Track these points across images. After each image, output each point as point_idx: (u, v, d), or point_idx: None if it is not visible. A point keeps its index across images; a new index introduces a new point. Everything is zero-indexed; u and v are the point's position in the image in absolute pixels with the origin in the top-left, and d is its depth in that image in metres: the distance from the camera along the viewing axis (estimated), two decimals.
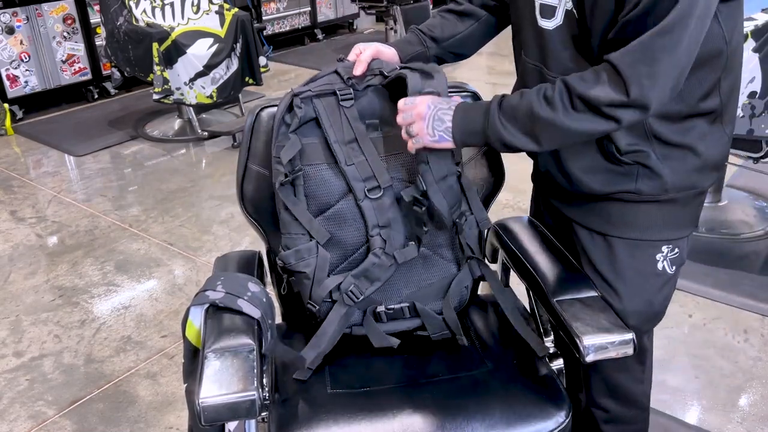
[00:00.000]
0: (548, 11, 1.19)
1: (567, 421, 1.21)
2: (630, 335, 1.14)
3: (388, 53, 1.39)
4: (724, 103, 1.18)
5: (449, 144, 1.21)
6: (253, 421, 1.19)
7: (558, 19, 1.17)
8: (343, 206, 1.36)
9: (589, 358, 1.13)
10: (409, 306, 1.40)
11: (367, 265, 1.35)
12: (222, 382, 1.05)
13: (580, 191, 1.27)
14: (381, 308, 1.39)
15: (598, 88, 1.05)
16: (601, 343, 1.14)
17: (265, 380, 1.21)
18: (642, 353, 1.36)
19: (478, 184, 1.48)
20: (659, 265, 1.27)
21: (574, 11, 1.14)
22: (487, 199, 1.51)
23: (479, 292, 1.58)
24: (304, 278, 1.36)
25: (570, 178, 1.26)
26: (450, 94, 1.29)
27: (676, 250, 1.27)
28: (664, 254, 1.26)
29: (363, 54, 1.35)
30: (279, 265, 1.39)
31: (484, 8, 1.41)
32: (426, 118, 1.20)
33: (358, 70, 1.35)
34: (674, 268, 1.29)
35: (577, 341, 1.14)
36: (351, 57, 1.38)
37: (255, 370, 1.07)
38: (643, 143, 1.17)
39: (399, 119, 1.24)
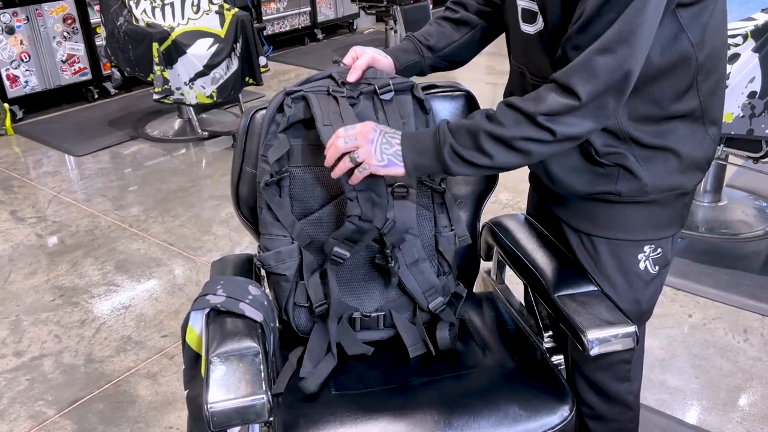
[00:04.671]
0: (529, 16, 1.19)
1: (571, 415, 1.21)
2: (632, 328, 1.16)
3: (384, 62, 1.38)
4: (704, 105, 1.17)
5: (399, 169, 1.17)
6: (257, 426, 1.19)
7: (539, 25, 1.17)
8: (328, 212, 1.35)
9: (594, 352, 1.14)
10: (385, 315, 1.40)
11: (346, 233, 1.29)
12: (230, 387, 1.04)
13: (564, 191, 1.28)
14: (357, 314, 1.39)
15: (541, 101, 1.06)
16: (604, 336, 1.15)
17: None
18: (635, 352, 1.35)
19: (472, 183, 1.49)
20: (641, 265, 1.27)
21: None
22: (482, 197, 1.52)
23: (474, 290, 1.58)
24: (283, 281, 1.35)
25: (552, 179, 1.26)
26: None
27: (659, 250, 1.27)
28: (646, 254, 1.27)
29: (358, 61, 1.34)
30: (257, 265, 1.38)
31: (479, 15, 1.41)
32: (373, 141, 1.16)
33: (352, 77, 1.33)
34: (657, 268, 1.29)
35: (581, 335, 1.15)
36: (347, 60, 1.37)
37: (262, 374, 1.07)
38: (621, 145, 1.18)
39: (339, 144, 1.17)
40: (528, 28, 1.20)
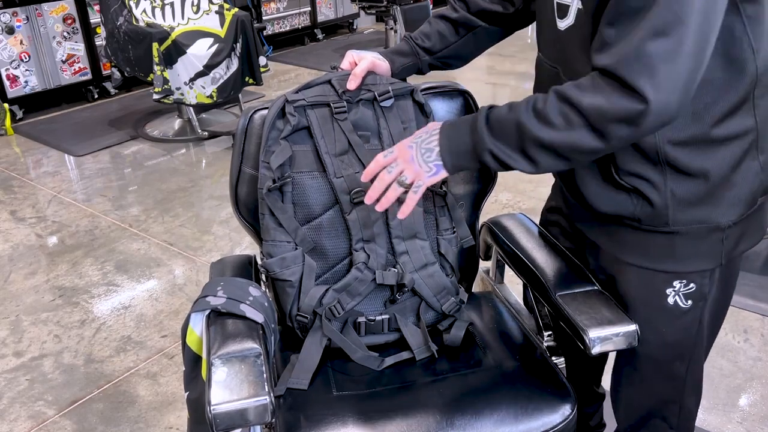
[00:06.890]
0: (563, 10, 1.10)
1: (573, 413, 1.22)
2: (633, 327, 1.16)
3: (384, 66, 1.37)
4: (761, 127, 1.04)
5: (444, 173, 1.10)
6: (258, 427, 1.19)
7: (570, 19, 1.08)
8: (329, 217, 1.35)
9: (595, 351, 1.14)
10: (390, 318, 1.40)
11: (350, 280, 1.34)
12: (232, 388, 1.04)
13: (588, 208, 1.20)
14: (362, 319, 1.39)
15: (600, 97, 0.93)
16: (605, 335, 1.15)
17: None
18: (676, 380, 1.29)
19: (470, 182, 1.49)
20: (670, 300, 1.18)
21: (583, 8, 1.04)
22: (480, 196, 1.52)
23: (474, 290, 1.58)
24: (288, 286, 1.35)
25: (576, 193, 1.20)
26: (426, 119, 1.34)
27: (692, 285, 1.16)
28: (675, 289, 1.17)
29: (358, 67, 1.33)
30: (262, 272, 1.38)
31: (482, 16, 1.36)
32: (413, 158, 1.10)
33: (352, 85, 1.32)
34: (690, 302, 1.18)
35: (583, 334, 1.15)
36: (344, 65, 1.36)
37: (264, 375, 1.07)
38: (648, 165, 1.07)
39: (386, 176, 1.11)
40: (561, 24, 1.12)
